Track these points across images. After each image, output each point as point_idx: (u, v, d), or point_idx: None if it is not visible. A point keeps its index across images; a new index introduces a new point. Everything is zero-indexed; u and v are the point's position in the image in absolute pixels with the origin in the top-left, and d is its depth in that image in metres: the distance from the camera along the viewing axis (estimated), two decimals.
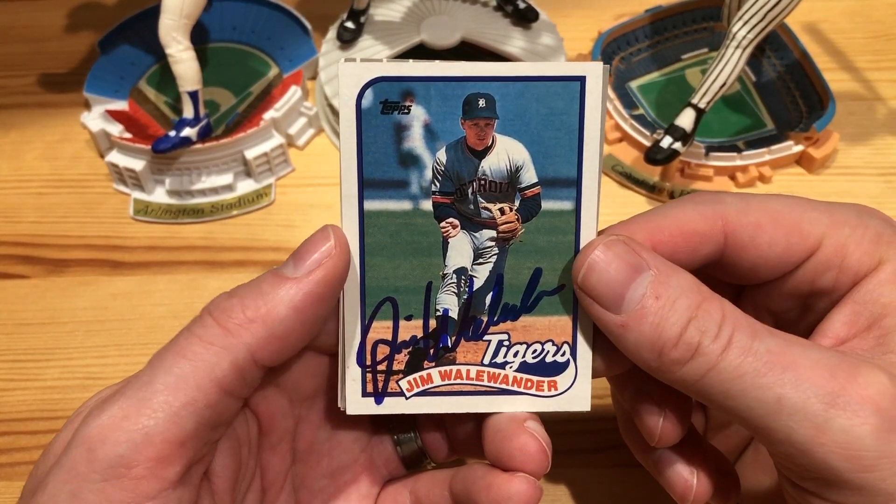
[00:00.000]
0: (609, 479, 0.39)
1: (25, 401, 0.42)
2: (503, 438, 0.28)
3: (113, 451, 0.23)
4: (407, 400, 0.29)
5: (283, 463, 0.30)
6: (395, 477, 0.33)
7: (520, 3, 0.56)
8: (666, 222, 0.28)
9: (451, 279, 0.28)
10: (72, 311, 0.46)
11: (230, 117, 0.53)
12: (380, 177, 0.27)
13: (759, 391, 0.24)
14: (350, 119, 0.27)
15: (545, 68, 0.26)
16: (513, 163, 0.27)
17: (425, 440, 0.32)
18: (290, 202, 0.51)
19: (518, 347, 0.28)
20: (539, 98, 0.27)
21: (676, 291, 0.25)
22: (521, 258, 0.28)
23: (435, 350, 0.28)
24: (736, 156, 0.50)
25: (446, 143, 0.27)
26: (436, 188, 0.27)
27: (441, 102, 0.27)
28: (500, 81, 0.26)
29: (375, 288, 0.28)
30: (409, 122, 0.27)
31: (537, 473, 0.27)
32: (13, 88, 0.58)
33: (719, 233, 0.28)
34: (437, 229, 0.28)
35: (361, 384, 0.28)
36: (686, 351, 0.25)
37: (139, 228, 0.50)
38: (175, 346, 0.25)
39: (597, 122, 0.27)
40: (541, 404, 0.29)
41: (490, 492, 0.27)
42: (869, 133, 0.53)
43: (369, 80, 0.26)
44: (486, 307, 0.28)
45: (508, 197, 0.27)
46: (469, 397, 0.29)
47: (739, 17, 0.44)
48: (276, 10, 0.59)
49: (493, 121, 0.27)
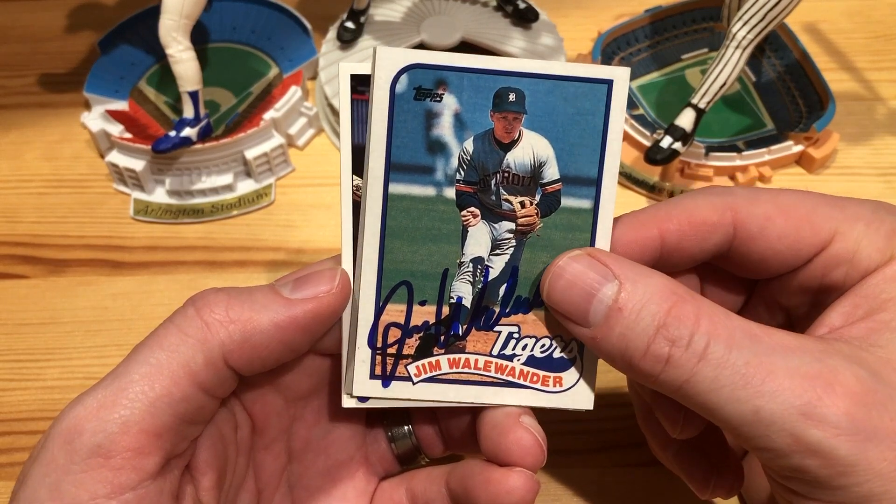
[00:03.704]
0: (609, 479, 0.39)
1: (25, 401, 0.42)
2: (499, 434, 0.28)
3: (91, 441, 0.23)
4: (413, 385, 0.29)
5: (277, 462, 0.30)
6: (391, 474, 0.33)
7: (520, 3, 0.56)
8: (675, 211, 0.28)
9: (468, 268, 0.28)
10: (72, 311, 0.46)
11: (230, 117, 0.53)
12: (407, 161, 0.28)
13: (736, 404, 0.24)
14: (383, 102, 0.27)
15: (575, 69, 0.27)
16: (537, 158, 0.28)
17: (420, 436, 0.32)
18: (290, 202, 0.51)
19: (527, 341, 0.29)
20: (567, 97, 0.27)
21: (643, 299, 0.25)
22: (537, 252, 0.28)
23: (446, 337, 0.29)
24: (736, 156, 0.50)
25: (474, 134, 0.27)
26: (460, 177, 0.28)
27: (473, 93, 0.27)
28: (531, 78, 0.27)
29: (392, 271, 0.28)
30: (440, 110, 0.27)
31: (534, 467, 0.28)
32: (13, 88, 0.58)
33: (728, 223, 0.28)
34: (458, 217, 0.28)
35: (370, 366, 0.29)
36: (655, 362, 0.25)
37: (139, 228, 0.50)
38: (154, 335, 0.25)
39: (620, 125, 0.27)
40: (545, 399, 0.29)
41: (488, 487, 0.27)
42: (869, 133, 0.53)
43: (405, 65, 0.27)
44: (499, 298, 0.28)
45: (530, 191, 0.28)
46: (475, 387, 0.29)
47: (739, 18, 0.44)
48: (276, 10, 0.59)
49: (522, 115, 0.27)
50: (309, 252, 0.48)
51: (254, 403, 0.29)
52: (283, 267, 0.47)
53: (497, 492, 0.27)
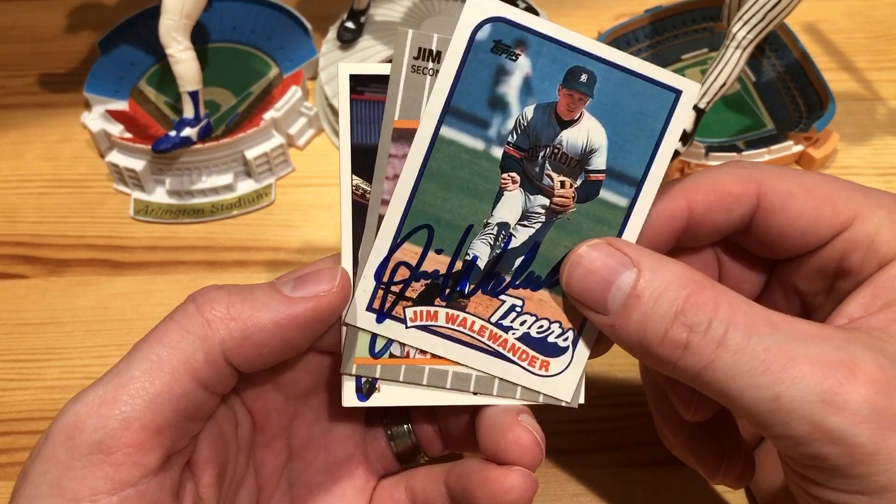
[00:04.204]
0: (609, 479, 0.39)
1: (25, 401, 0.42)
2: (498, 432, 0.28)
3: (92, 437, 0.23)
4: (406, 329, 0.29)
5: (277, 460, 0.30)
6: (390, 472, 0.33)
7: (520, 3, 0.56)
8: (702, 183, 0.28)
9: (492, 230, 0.28)
10: (72, 311, 0.46)
11: (230, 117, 0.53)
12: (466, 108, 0.28)
13: (756, 390, 0.24)
14: (461, 45, 0.27)
15: (651, 69, 0.27)
16: (590, 143, 0.28)
17: (419, 435, 0.33)
18: (290, 202, 0.51)
19: (527, 317, 0.29)
20: (635, 94, 0.27)
21: (661, 286, 0.25)
22: (562, 234, 0.28)
23: (451, 291, 0.29)
24: (736, 156, 0.50)
25: (538, 102, 0.27)
26: (512, 140, 0.28)
27: (548, 63, 0.27)
28: (607, 65, 0.27)
29: (420, 212, 0.28)
30: (512, 70, 0.27)
31: (532, 466, 0.28)
32: (13, 88, 0.58)
33: (753, 195, 0.28)
34: (498, 178, 0.28)
35: (370, 297, 0.29)
36: (673, 348, 0.25)
37: (139, 228, 0.50)
38: (155, 332, 0.25)
39: (676, 135, 0.27)
40: (527, 380, 0.29)
41: (487, 486, 0.27)
42: (869, 133, 0.53)
43: (492, 15, 0.27)
44: (513, 268, 0.28)
45: (574, 173, 0.28)
46: (464, 348, 0.29)
47: (739, 18, 0.44)
48: (276, 10, 0.59)
49: (587, 98, 0.27)
50: (309, 252, 0.48)
51: (254, 401, 0.29)
52: (283, 267, 0.47)
53: (496, 490, 0.27)
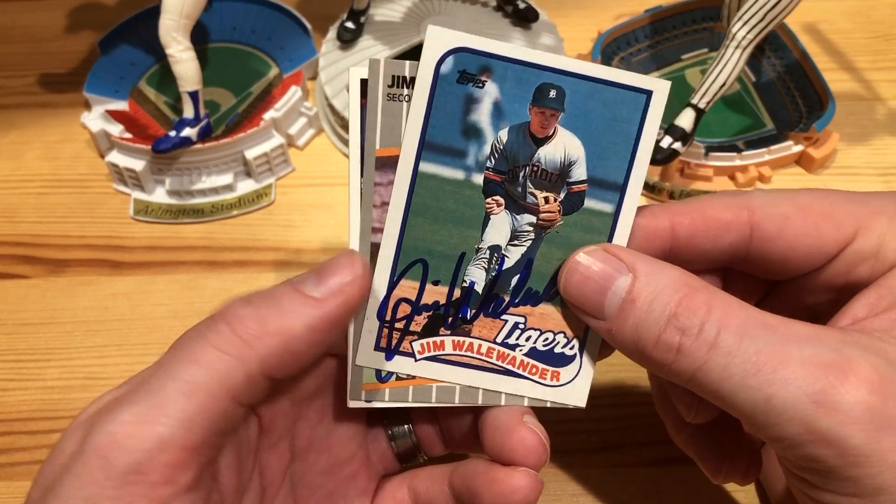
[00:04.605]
0: (609, 479, 0.39)
1: (25, 401, 0.42)
2: (503, 434, 0.28)
3: (129, 458, 0.23)
4: (416, 362, 0.29)
5: (281, 461, 0.30)
6: (391, 472, 0.33)
7: (520, 3, 0.56)
8: (689, 207, 0.29)
9: (484, 254, 0.29)
10: (72, 311, 0.46)
11: (230, 117, 0.53)
12: (441, 142, 0.28)
13: (748, 391, 0.24)
14: (426, 80, 0.27)
15: (618, 75, 0.27)
16: (567, 156, 0.28)
17: (419, 435, 0.33)
18: (290, 202, 0.51)
19: (531, 332, 0.29)
20: (605, 102, 0.27)
21: (655, 290, 0.25)
22: (553, 248, 0.29)
23: (453, 319, 0.29)
24: (735, 156, 0.50)
25: (510, 125, 0.28)
26: (490, 164, 0.28)
27: (514, 85, 0.27)
28: (573, 77, 0.27)
29: (411, 248, 0.28)
30: (481, 97, 0.27)
31: (538, 466, 0.28)
32: (13, 88, 0.58)
33: (744, 223, 0.28)
34: (482, 203, 0.28)
35: (376, 337, 0.29)
36: (667, 351, 0.25)
37: (139, 228, 0.50)
38: (188, 351, 0.25)
39: (652, 136, 0.28)
40: (540, 392, 0.29)
41: (493, 487, 0.28)
42: (869, 133, 0.53)
43: (454, 47, 0.27)
44: (510, 287, 0.29)
45: (556, 188, 0.28)
46: (475, 371, 0.29)
47: (739, 18, 0.44)
48: (276, 10, 0.59)
49: (559, 113, 0.28)
50: (309, 252, 0.48)
51: (261, 405, 0.29)
52: (283, 267, 0.47)
53: (502, 491, 0.27)
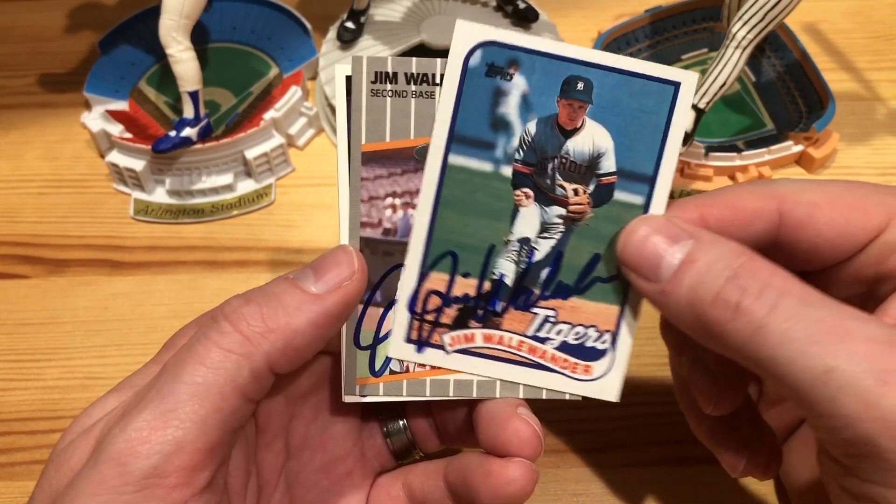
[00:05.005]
0: (609, 479, 0.39)
1: (25, 401, 0.42)
2: (497, 425, 0.28)
3: (146, 464, 0.23)
4: (447, 354, 0.29)
5: (277, 459, 0.30)
6: (386, 469, 0.33)
7: (520, 3, 0.56)
8: (718, 197, 0.28)
9: (514, 246, 0.29)
10: (72, 311, 0.46)
11: (230, 117, 0.53)
12: (469, 134, 0.28)
13: (808, 360, 0.23)
14: (455, 74, 0.28)
15: (646, 67, 0.28)
16: (596, 148, 0.28)
17: (414, 431, 0.33)
18: (291, 202, 0.51)
19: (562, 326, 0.29)
20: (633, 93, 0.28)
21: (716, 255, 0.25)
22: (583, 241, 0.29)
23: (483, 312, 0.29)
24: (736, 156, 0.50)
25: (538, 117, 0.28)
26: (519, 157, 0.28)
27: (542, 77, 0.28)
28: (601, 69, 0.27)
29: (441, 240, 0.29)
30: (509, 90, 0.28)
31: (532, 457, 0.28)
32: (13, 88, 0.58)
33: (773, 211, 0.28)
34: (511, 196, 0.28)
35: (407, 329, 0.29)
36: (725, 309, 0.24)
37: (139, 228, 0.50)
38: (193, 353, 0.25)
39: (681, 127, 0.28)
40: (572, 386, 0.29)
41: (489, 479, 0.28)
42: (869, 133, 0.53)
43: (482, 41, 0.27)
44: (540, 280, 0.29)
45: (585, 180, 0.28)
46: (506, 364, 0.29)
47: (739, 18, 0.44)
48: (276, 10, 0.59)
49: (587, 105, 0.28)
50: (309, 252, 0.48)
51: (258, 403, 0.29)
52: (283, 267, 0.47)
53: (497, 483, 0.27)
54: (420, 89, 0.28)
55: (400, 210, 0.29)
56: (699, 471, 0.38)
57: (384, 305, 0.29)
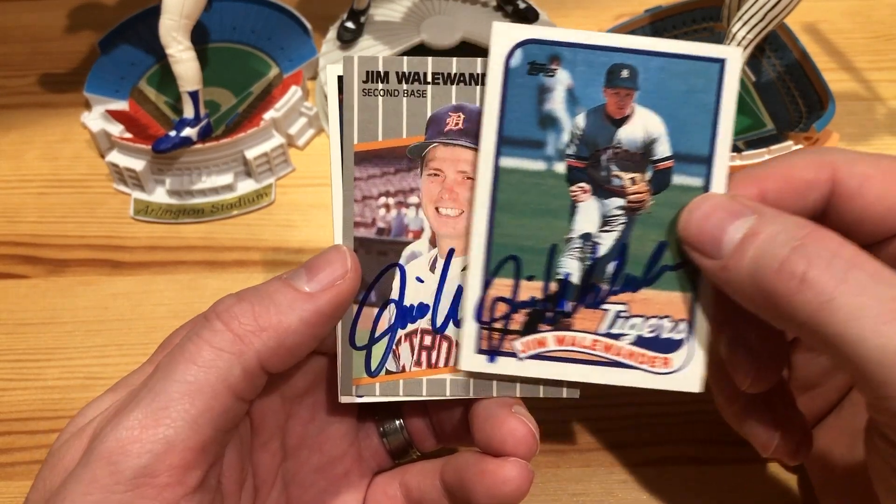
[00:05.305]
0: (609, 480, 0.39)
1: (25, 401, 0.42)
2: (492, 425, 0.28)
3: (137, 462, 0.23)
4: (520, 362, 0.29)
5: (273, 460, 0.30)
6: (383, 468, 0.33)
7: (520, 3, 0.56)
8: (773, 169, 0.28)
9: (576, 244, 0.28)
10: (72, 311, 0.46)
11: (230, 117, 0.53)
12: (518, 135, 0.28)
13: (880, 339, 0.22)
14: (497, 77, 0.27)
15: (688, 47, 0.27)
16: (648, 134, 0.28)
17: (411, 431, 0.33)
18: (291, 202, 0.51)
19: (635, 320, 0.29)
20: (679, 75, 0.27)
21: (779, 227, 0.24)
22: (647, 230, 0.28)
23: (553, 314, 0.29)
24: (736, 156, 0.50)
25: (586, 109, 0.28)
26: (571, 152, 0.28)
27: (586, 69, 0.27)
28: (644, 55, 0.27)
29: (501, 245, 0.28)
30: (553, 85, 0.28)
31: (528, 456, 0.28)
32: (13, 88, 0.58)
33: (826, 179, 0.27)
34: (567, 192, 0.28)
35: (476, 340, 0.29)
36: (790, 280, 0.23)
37: (139, 228, 0.50)
38: (184, 352, 0.25)
39: (732, 104, 0.27)
40: (651, 381, 0.29)
41: (484, 478, 0.28)
42: (869, 133, 0.53)
43: (520, 40, 0.27)
44: (607, 275, 0.28)
45: (641, 167, 0.28)
46: (582, 366, 0.29)
47: (739, 18, 0.44)
48: (276, 10, 0.59)
49: (634, 91, 0.28)
50: (309, 252, 0.48)
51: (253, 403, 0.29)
52: (283, 267, 0.48)
53: (493, 482, 0.27)
54: (411, 88, 0.28)
55: (393, 209, 0.29)
56: (699, 471, 0.38)
57: (379, 305, 0.29)
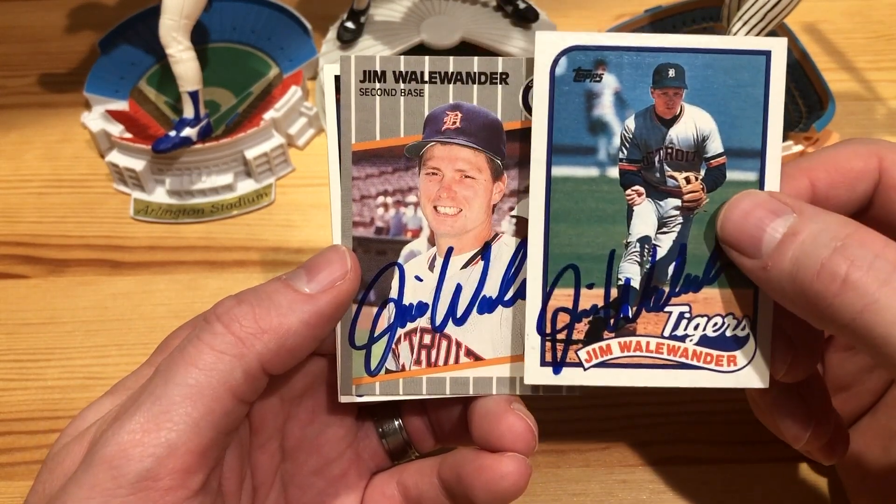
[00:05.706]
0: (609, 479, 0.39)
1: (25, 401, 0.42)
2: (491, 421, 0.28)
3: (139, 466, 0.23)
4: (585, 371, 0.29)
5: (272, 461, 0.30)
6: (382, 469, 0.33)
7: (520, 3, 0.56)
8: (822, 161, 0.28)
9: (635, 248, 0.28)
10: (72, 311, 0.46)
11: (230, 117, 0.53)
12: (569, 143, 0.28)
13: None
14: (544, 86, 0.27)
15: (732, 42, 0.27)
16: (700, 132, 0.28)
17: (409, 431, 0.33)
18: (290, 202, 0.51)
19: (699, 320, 0.28)
20: (726, 70, 0.27)
21: (821, 226, 0.24)
22: (704, 228, 0.28)
23: (615, 320, 0.28)
24: None
25: (635, 112, 0.28)
26: (623, 155, 0.28)
27: (632, 71, 0.27)
28: (688, 53, 0.27)
29: (558, 255, 0.28)
30: (600, 90, 0.28)
31: (526, 452, 0.28)
32: (13, 88, 0.58)
33: (874, 169, 0.27)
34: (623, 197, 0.28)
35: (540, 353, 0.28)
36: (832, 282, 0.23)
37: (139, 228, 0.50)
38: (185, 354, 0.25)
39: (780, 96, 0.27)
40: (719, 380, 0.28)
41: (482, 473, 0.28)
42: (869, 133, 0.53)
43: (564, 48, 0.27)
44: (668, 277, 0.28)
45: (694, 166, 0.28)
46: (648, 370, 0.28)
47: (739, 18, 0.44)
48: (276, 10, 0.59)
49: (682, 90, 0.27)
50: (309, 252, 0.48)
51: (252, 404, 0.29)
52: (283, 267, 0.47)
53: (491, 477, 0.27)
54: (409, 87, 0.28)
55: (392, 208, 0.29)
56: (699, 471, 0.38)
57: (378, 304, 0.29)
